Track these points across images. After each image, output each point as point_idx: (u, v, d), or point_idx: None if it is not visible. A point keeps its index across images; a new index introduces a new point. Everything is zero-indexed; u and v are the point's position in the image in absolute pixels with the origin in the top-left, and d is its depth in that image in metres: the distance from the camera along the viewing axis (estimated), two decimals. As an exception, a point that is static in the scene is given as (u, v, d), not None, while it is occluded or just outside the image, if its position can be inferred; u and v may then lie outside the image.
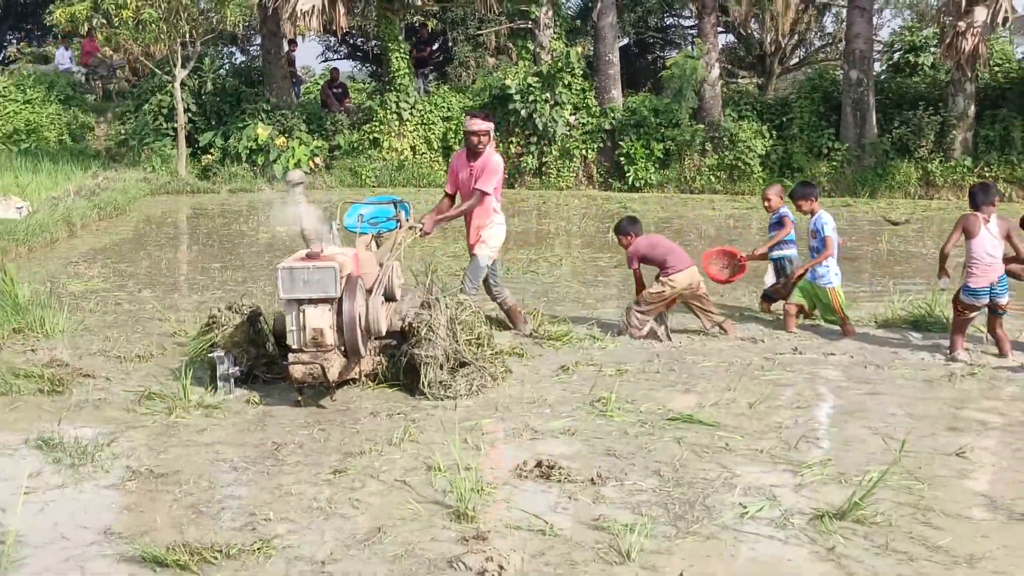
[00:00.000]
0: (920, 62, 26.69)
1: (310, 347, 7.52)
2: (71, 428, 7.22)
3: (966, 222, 9.55)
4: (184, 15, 24.99)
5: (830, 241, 10.49)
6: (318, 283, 7.50)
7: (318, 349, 7.52)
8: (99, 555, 5.25)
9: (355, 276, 7.81)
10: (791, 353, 9.77)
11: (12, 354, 9.13)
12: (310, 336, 7.49)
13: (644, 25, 37.30)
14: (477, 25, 35.08)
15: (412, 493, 6.10)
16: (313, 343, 7.51)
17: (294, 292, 7.50)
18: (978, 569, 5.20)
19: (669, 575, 5.01)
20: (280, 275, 7.53)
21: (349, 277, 7.70)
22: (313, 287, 7.50)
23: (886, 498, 6.02)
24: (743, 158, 25.41)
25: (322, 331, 7.49)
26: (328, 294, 7.53)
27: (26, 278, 11.62)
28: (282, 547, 5.33)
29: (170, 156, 26.51)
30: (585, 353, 9.66)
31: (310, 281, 7.49)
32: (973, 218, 9.51)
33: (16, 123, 29.43)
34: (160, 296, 12.31)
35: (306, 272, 7.49)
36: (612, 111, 26.50)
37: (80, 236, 17.31)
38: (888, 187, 24.34)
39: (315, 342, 7.51)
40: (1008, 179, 23.90)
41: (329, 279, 7.50)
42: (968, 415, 7.94)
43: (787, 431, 7.41)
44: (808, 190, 10.94)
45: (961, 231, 9.52)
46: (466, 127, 9.94)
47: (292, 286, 7.50)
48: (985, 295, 9.46)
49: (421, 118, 27.18)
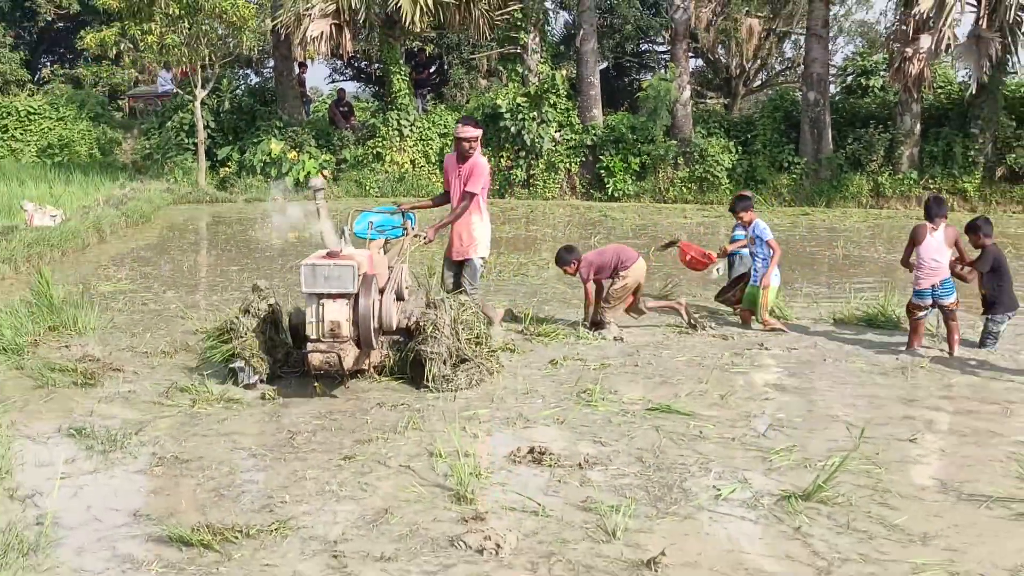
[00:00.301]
0: (871, 84, 26.70)
1: (327, 338, 7.47)
2: (102, 418, 7.17)
3: (914, 231, 9.58)
4: (204, 40, 24.93)
5: (775, 243, 10.51)
6: (338, 279, 7.46)
7: (335, 340, 7.47)
8: (129, 535, 5.19)
9: (370, 275, 7.76)
10: (758, 349, 9.74)
11: (48, 350, 9.05)
12: (328, 328, 7.45)
13: (621, 50, 37.27)
14: (471, 50, 35.07)
15: (416, 477, 6.05)
16: (331, 334, 7.46)
17: (315, 287, 7.47)
18: (931, 546, 5.18)
19: (652, 552, 4.96)
20: (303, 271, 7.48)
21: (365, 276, 7.66)
22: (333, 283, 7.47)
23: (847, 481, 5.99)
24: (712, 171, 25.42)
25: (339, 323, 7.44)
26: (346, 290, 7.49)
27: (60, 280, 11.53)
28: (297, 527, 5.28)
29: (191, 169, 26.44)
30: (571, 349, 9.63)
31: (330, 277, 7.46)
32: (921, 228, 9.55)
33: (50, 138, 29.39)
34: (183, 296, 12.23)
35: (327, 269, 7.46)
36: (593, 128, 26.49)
37: (109, 242, 17.20)
38: (842, 198, 24.37)
39: (332, 333, 7.46)
40: (950, 191, 23.95)
41: (348, 276, 7.47)
42: (920, 404, 7.93)
43: (756, 420, 7.39)
44: (749, 202, 10.89)
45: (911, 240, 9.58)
46: (457, 134, 9.77)
47: (314, 281, 7.47)
48: (928, 296, 9.48)
49: (420, 134, 27.14)
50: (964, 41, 23.09)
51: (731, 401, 7.87)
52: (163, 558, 4.91)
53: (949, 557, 5.04)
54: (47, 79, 36.93)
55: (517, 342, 9.76)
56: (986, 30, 22.39)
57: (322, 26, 25.22)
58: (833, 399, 8.04)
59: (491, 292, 11.83)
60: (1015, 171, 23.79)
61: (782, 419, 7.44)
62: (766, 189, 25.04)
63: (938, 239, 9.47)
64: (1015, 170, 23.76)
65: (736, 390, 8.19)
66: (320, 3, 25.17)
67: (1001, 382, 8.65)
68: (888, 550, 5.12)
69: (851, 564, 4.96)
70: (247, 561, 4.90)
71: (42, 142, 29.46)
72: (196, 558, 4.92)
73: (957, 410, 7.86)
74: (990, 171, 24.08)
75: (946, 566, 4.95)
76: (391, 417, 7.29)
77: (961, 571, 4.89)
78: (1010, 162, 23.69)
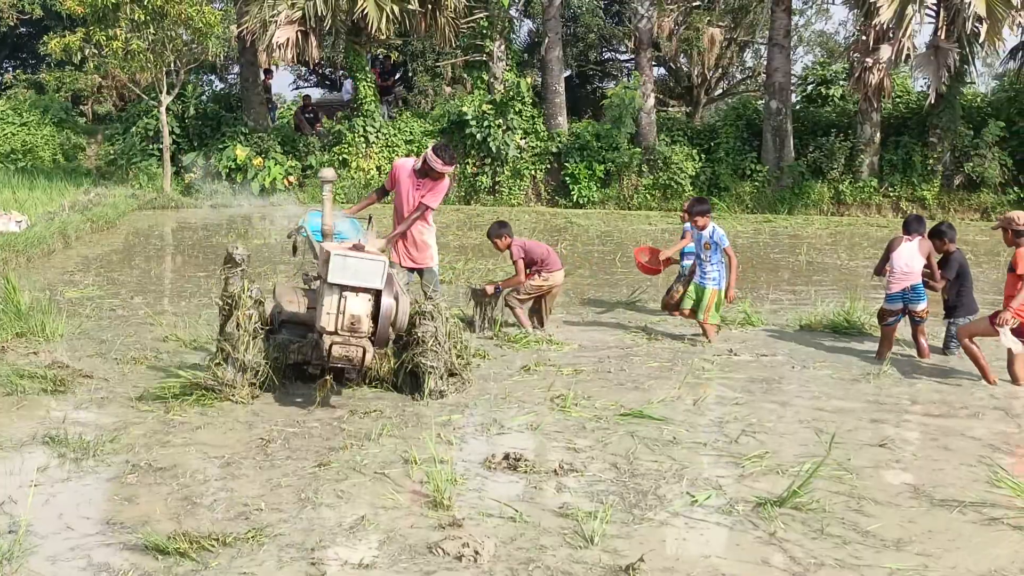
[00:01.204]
0: (831, 93, 26.93)
1: (345, 331, 7.23)
2: (73, 425, 7.06)
3: (891, 241, 9.80)
4: (169, 46, 24.75)
5: (731, 251, 10.43)
6: (366, 273, 7.22)
7: (351, 335, 7.24)
8: (103, 544, 5.11)
9: (391, 274, 7.56)
10: (728, 355, 9.77)
11: (16, 357, 8.92)
12: (348, 321, 7.21)
13: (585, 59, 37.37)
14: (435, 57, 35.04)
15: (392, 484, 6.00)
16: (350, 328, 7.21)
17: (343, 278, 7.18)
18: (905, 552, 5.20)
19: (630, 558, 4.95)
20: (333, 260, 7.13)
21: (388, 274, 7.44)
22: (361, 276, 7.21)
23: (820, 487, 6.00)
24: (675, 178, 25.53)
25: (360, 318, 7.21)
26: (372, 285, 7.26)
27: (26, 286, 11.36)
28: (274, 535, 5.22)
29: (156, 174, 26.26)
30: (542, 354, 9.61)
31: (359, 271, 7.20)
32: (897, 238, 9.73)
33: (13, 143, 29.06)
34: (151, 302, 12.10)
35: (358, 262, 7.21)
36: (558, 136, 26.53)
37: (75, 247, 17.01)
38: (804, 205, 24.53)
39: (352, 327, 7.21)
40: (909, 199, 24.22)
41: (377, 271, 7.24)
42: (888, 410, 7.98)
43: (728, 426, 7.39)
44: (706, 207, 10.74)
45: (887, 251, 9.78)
46: (437, 168, 9.50)
47: (343, 273, 7.17)
48: (900, 300, 9.55)
49: (386, 141, 27.06)
50: (923, 52, 23.33)
51: (703, 407, 7.88)
52: (139, 567, 4.83)
53: (923, 562, 5.06)
54: (9, 84, 36.54)
55: (487, 348, 9.73)
56: (944, 41, 22.61)
57: (288, 33, 25.08)
58: (802, 405, 8.07)
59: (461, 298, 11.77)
60: (973, 179, 24.03)
61: (753, 425, 7.45)
62: (729, 196, 25.17)
63: (911, 247, 9.62)
64: (973, 178, 24.01)
65: (707, 396, 8.19)
66: (286, 10, 25.02)
67: (967, 386, 8.71)
68: (863, 555, 5.13)
69: (827, 569, 4.97)
70: (224, 569, 4.84)
71: (5, 147, 29.10)
72: (172, 567, 4.85)
73: (925, 415, 7.92)
74: (948, 179, 24.32)
75: (920, 571, 4.96)
76: (365, 424, 7.23)
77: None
78: (968, 170, 23.94)
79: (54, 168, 28.27)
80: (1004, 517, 5.66)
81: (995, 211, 23.75)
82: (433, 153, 9.50)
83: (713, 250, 10.42)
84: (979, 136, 23.90)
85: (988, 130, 23.67)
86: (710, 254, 10.44)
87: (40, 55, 33.00)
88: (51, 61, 33.01)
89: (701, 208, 10.70)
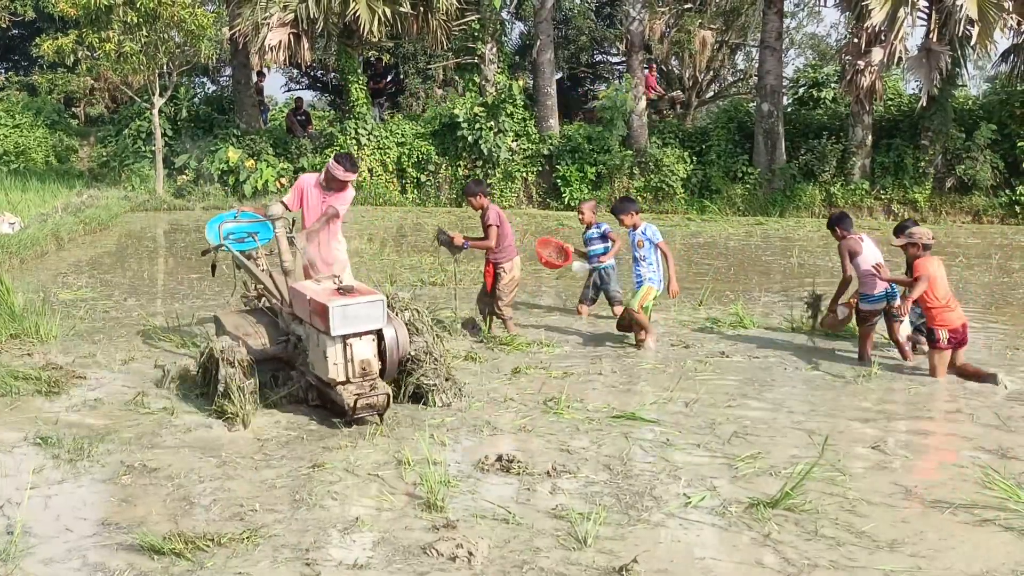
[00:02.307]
0: (822, 96, 26.97)
1: (357, 378, 7.06)
2: (68, 426, 7.06)
3: (850, 245, 9.71)
4: (162, 48, 24.72)
5: (664, 245, 10.22)
6: (367, 317, 7.04)
7: (364, 379, 7.09)
8: (99, 544, 5.13)
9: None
10: (720, 357, 9.78)
11: (10, 358, 8.92)
12: (359, 368, 7.06)
13: (576, 61, 37.37)
14: (427, 60, 35.02)
15: (385, 486, 6.02)
16: (362, 373, 7.06)
17: (346, 328, 6.96)
18: (899, 553, 5.22)
19: (623, 560, 4.96)
20: (333, 315, 6.86)
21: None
22: (363, 321, 7.03)
23: (813, 488, 6.01)
24: (667, 181, 25.53)
25: (369, 361, 7.08)
26: (377, 326, 7.13)
27: (20, 288, 11.36)
28: (269, 535, 5.24)
29: (148, 176, 26.23)
30: (533, 357, 9.62)
31: (359, 316, 6.99)
32: (854, 240, 9.71)
33: (6, 145, 29.01)
34: (144, 304, 12.10)
35: (357, 308, 6.99)
36: (550, 138, 26.54)
37: (68, 249, 17.00)
38: (796, 208, 24.54)
39: (364, 372, 7.07)
40: (901, 201, 24.22)
41: (378, 312, 7.08)
42: (880, 411, 8.00)
43: (721, 427, 7.41)
44: (629, 205, 10.55)
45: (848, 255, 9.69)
46: (339, 176, 9.20)
47: (345, 323, 6.93)
48: (883, 299, 9.56)
49: (377, 143, 27.05)
50: (915, 54, 23.34)
51: (696, 408, 7.90)
52: (135, 567, 4.84)
53: (916, 563, 5.08)
54: (2, 86, 36.46)
55: (479, 351, 9.74)
56: (936, 44, 22.65)
57: (280, 35, 25.05)
58: (795, 406, 8.08)
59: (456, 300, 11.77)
60: (964, 182, 24.07)
61: (746, 426, 7.46)
62: (720, 199, 25.19)
63: (871, 244, 9.75)
64: (964, 181, 24.04)
65: (700, 398, 8.20)
66: (278, 12, 25.00)
67: (957, 388, 8.74)
68: (857, 557, 5.15)
69: (820, 570, 4.99)
70: (219, 569, 4.85)
71: (-3, 149, 29.10)
72: (169, 566, 4.86)
73: (916, 416, 7.94)
74: (940, 182, 24.34)
75: (913, 572, 4.99)
76: (358, 425, 7.22)
77: (928, 576, 4.94)
78: (960, 173, 23.97)
79: (47, 170, 28.23)
80: (996, 518, 5.68)
81: (987, 214, 23.81)
82: (335, 162, 9.25)
83: (647, 248, 10.18)
84: (971, 139, 23.92)
85: (980, 133, 23.70)
86: (644, 253, 10.17)
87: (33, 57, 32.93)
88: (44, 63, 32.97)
89: (626, 206, 10.47)
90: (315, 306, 7.12)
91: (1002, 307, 12.87)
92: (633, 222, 10.36)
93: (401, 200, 26.45)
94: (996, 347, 10.47)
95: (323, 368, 7.13)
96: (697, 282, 14.06)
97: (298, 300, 7.53)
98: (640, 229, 10.27)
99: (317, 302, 7.08)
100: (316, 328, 7.20)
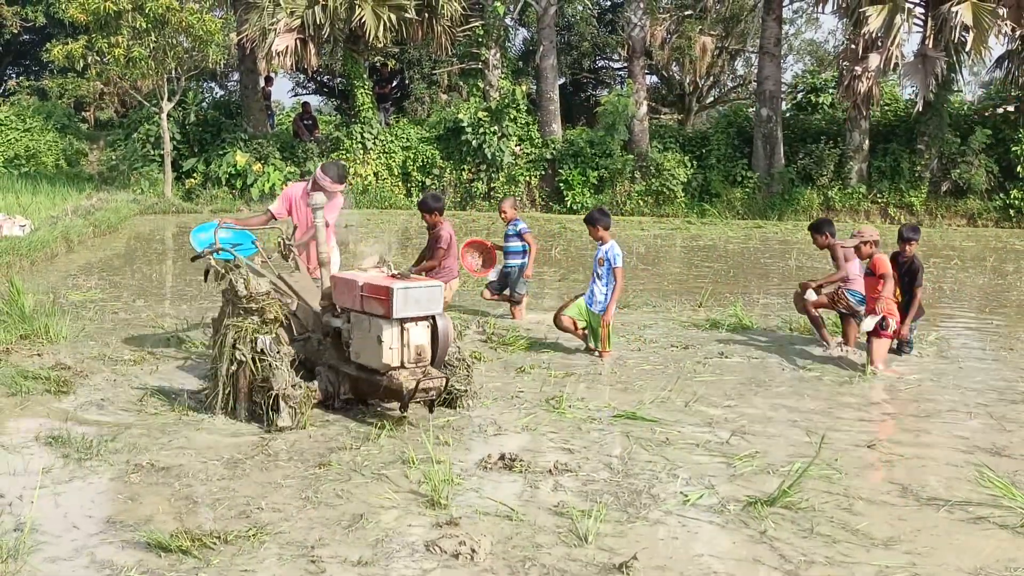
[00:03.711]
0: (820, 101, 27.02)
1: (411, 364, 6.97)
2: (77, 426, 7.06)
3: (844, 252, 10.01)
4: (171, 53, 24.77)
5: (620, 273, 9.73)
6: (428, 301, 6.98)
7: (417, 365, 6.99)
8: (107, 542, 5.11)
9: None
10: (719, 357, 9.78)
11: (20, 358, 8.92)
12: (415, 353, 6.97)
13: (579, 67, 37.43)
14: (432, 65, 35.08)
15: (390, 484, 6.01)
16: (416, 359, 6.99)
17: (407, 311, 6.86)
18: (894, 550, 5.20)
19: (623, 556, 4.95)
20: (396, 296, 6.78)
21: None
22: (424, 305, 6.95)
23: (810, 486, 6.01)
24: (667, 185, 25.60)
25: (424, 347, 7.00)
26: (435, 311, 7.04)
27: (30, 289, 11.37)
28: (275, 533, 5.23)
29: (157, 180, 26.30)
30: (535, 358, 9.62)
31: (420, 300, 6.92)
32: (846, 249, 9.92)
33: (17, 149, 29.11)
34: (152, 305, 12.11)
35: (419, 291, 6.94)
36: (553, 142, 26.59)
37: (77, 251, 17.03)
38: (794, 211, 24.59)
39: (419, 358, 6.99)
40: (897, 204, 24.30)
41: (437, 297, 7.03)
42: (875, 411, 8.04)
43: (719, 426, 7.40)
44: (606, 219, 10.02)
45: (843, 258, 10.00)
46: (327, 187, 9.05)
47: (405, 306, 6.84)
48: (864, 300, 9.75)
49: (383, 147, 27.11)
50: (911, 60, 23.39)
51: (694, 408, 7.90)
52: (143, 563, 4.84)
53: (912, 560, 5.07)
54: (13, 91, 36.54)
55: (482, 351, 9.74)
56: (932, 50, 22.68)
57: (287, 40, 25.12)
58: (792, 406, 8.08)
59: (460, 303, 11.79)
60: (960, 186, 24.10)
61: (744, 426, 7.46)
62: (720, 202, 25.24)
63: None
64: (960, 185, 24.07)
65: (699, 397, 8.20)
66: (285, 18, 25.07)
67: (953, 388, 8.74)
68: (853, 553, 5.14)
69: (817, 567, 4.98)
70: (226, 566, 4.85)
71: (8, 152, 29.15)
72: (176, 564, 4.85)
73: (912, 415, 7.95)
74: (936, 186, 24.38)
75: (909, 568, 4.97)
76: (364, 425, 7.23)
77: (924, 574, 4.92)
78: (955, 177, 24.00)
79: (57, 173, 28.32)
80: (990, 516, 5.67)
81: (981, 217, 23.86)
82: (322, 171, 9.15)
83: (606, 268, 9.78)
84: (966, 143, 23.97)
85: (975, 138, 23.74)
86: (603, 272, 9.78)
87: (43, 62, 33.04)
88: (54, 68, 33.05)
89: (605, 220, 10.01)
90: (372, 290, 6.98)
91: (996, 309, 12.87)
92: (600, 236, 9.94)
93: (406, 203, 26.49)
94: (991, 347, 10.47)
95: (374, 354, 7.00)
96: (697, 284, 14.07)
97: (345, 288, 7.32)
98: (607, 247, 9.83)
99: (376, 286, 6.97)
100: (369, 314, 7.04)
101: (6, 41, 38.00)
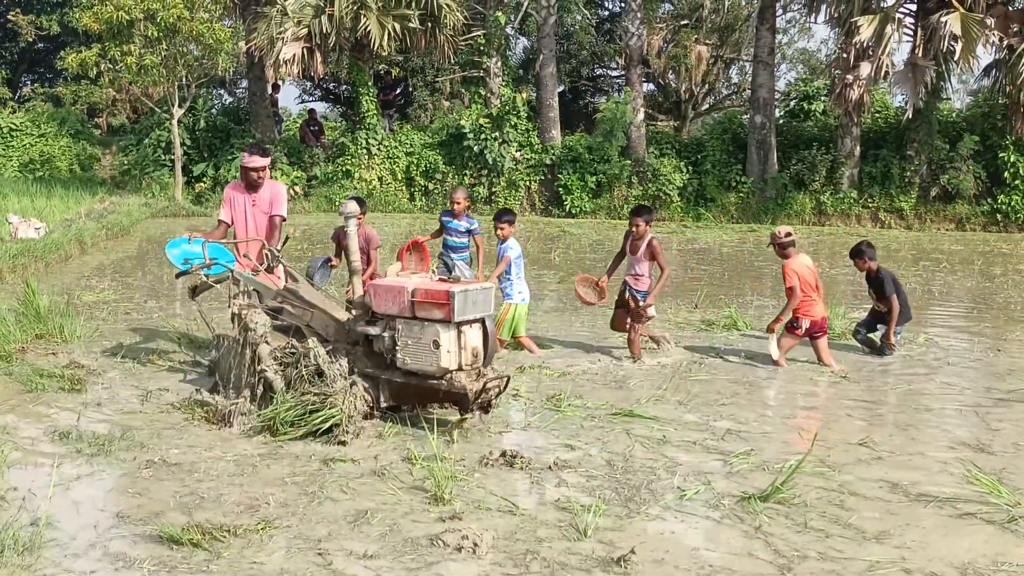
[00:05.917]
0: (813, 109, 26.99)
1: (467, 366, 6.87)
2: (90, 422, 7.07)
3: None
4: (181, 61, 24.80)
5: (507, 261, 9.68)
6: (483, 303, 6.90)
7: (471, 367, 6.91)
8: (120, 535, 5.12)
9: None
10: (715, 357, 9.78)
11: (36, 357, 8.93)
12: (471, 355, 6.88)
13: (578, 75, 37.43)
14: (435, 73, 35.10)
15: (395, 480, 6.01)
16: (473, 361, 6.91)
17: (466, 313, 6.77)
18: (885, 544, 5.20)
19: (622, 550, 4.96)
20: (456, 300, 6.66)
21: None
22: (479, 307, 6.87)
23: (803, 483, 6.01)
24: (664, 189, 25.59)
25: (479, 349, 6.94)
26: (488, 312, 6.99)
27: (45, 290, 11.37)
28: (283, 527, 5.23)
29: (168, 184, 26.33)
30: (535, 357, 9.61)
31: (477, 302, 6.85)
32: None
33: (32, 154, 29.14)
34: (164, 306, 12.13)
35: (475, 294, 6.85)
36: (552, 148, 26.60)
37: (91, 253, 17.04)
38: (787, 215, 24.56)
39: (475, 360, 6.92)
40: (888, 209, 24.26)
41: (490, 299, 6.99)
42: (866, 409, 8.01)
43: (715, 425, 7.41)
44: (510, 216, 10.02)
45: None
46: (245, 164, 8.73)
47: (464, 308, 6.74)
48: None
49: (387, 152, 27.13)
50: (901, 69, 23.39)
51: (690, 406, 7.90)
52: (155, 556, 4.84)
53: (902, 555, 5.07)
54: (28, 97, 36.55)
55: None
56: (922, 59, 22.68)
57: (294, 49, 25.12)
58: (786, 405, 8.10)
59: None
60: (948, 191, 24.09)
61: (739, 424, 7.46)
62: (715, 207, 25.22)
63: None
64: (948, 190, 24.06)
65: (695, 396, 8.20)
66: (292, 27, 25.08)
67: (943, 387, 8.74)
68: (845, 548, 5.14)
69: (810, 562, 4.98)
70: (236, 559, 4.85)
71: (24, 157, 29.18)
72: (187, 556, 4.86)
73: (902, 413, 7.94)
74: (925, 191, 24.37)
75: (899, 563, 4.98)
76: (369, 423, 7.22)
77: (914, 568, 4.92)
78: (944, 182, 23.99)
79: (71, 178, 28.34)
80: (977, 512, 5.67)
81: (969, 221, 23.84)
82: (246, 154, 8.84)
83: (511, 265, 9.77)
84: (955, 150, 23.95)
85: (963, 144, 23.72)
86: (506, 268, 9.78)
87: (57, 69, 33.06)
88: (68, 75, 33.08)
89: (510, 218, 10.00)
90: (427, 296, 6.83)
91: (984, 311, 12.87)
92: (504, 235, 9.88)
93: (410, 207, 26.51)
94: (978, 349, 10.47)
95: (430, 359, 6.83)
96: (693, 286, 14.08)
97: (388, 295, 7.06)
98: (507, 244, 9.80)
99: (431, 291, 6.83)
100: (423, 319, 6.86)
101: (21, 49, 38.03)
